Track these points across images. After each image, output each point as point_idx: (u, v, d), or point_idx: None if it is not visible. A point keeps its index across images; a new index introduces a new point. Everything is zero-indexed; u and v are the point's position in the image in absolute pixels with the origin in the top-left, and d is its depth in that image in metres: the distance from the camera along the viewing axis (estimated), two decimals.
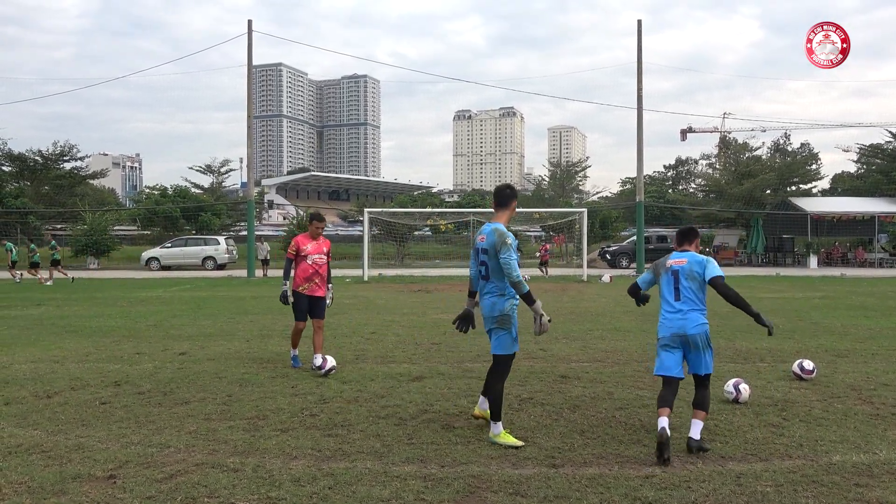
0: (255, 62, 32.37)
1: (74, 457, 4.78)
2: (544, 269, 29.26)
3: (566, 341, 10.06)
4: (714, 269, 5.24)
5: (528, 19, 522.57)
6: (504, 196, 5.47)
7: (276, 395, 6.68)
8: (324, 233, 8.23)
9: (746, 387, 6.37)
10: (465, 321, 5.52)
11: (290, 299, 7.90)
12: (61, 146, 41.86)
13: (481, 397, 5.58)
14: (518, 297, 5.21)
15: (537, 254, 29.33)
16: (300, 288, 7.86)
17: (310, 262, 7.89)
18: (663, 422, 4.75)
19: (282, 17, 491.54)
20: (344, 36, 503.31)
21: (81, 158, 44.59)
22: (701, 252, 5.50)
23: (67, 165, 42.91)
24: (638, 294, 5.66)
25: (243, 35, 30.90)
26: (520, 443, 5.03)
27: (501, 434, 5.10)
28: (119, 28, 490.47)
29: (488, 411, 5.32)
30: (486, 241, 5.22)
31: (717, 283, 5.18)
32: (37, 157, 40.95)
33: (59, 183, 42.30)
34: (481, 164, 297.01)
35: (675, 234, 5.63)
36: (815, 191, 48.76)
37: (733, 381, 6.45)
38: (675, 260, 5.33)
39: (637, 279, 5.71)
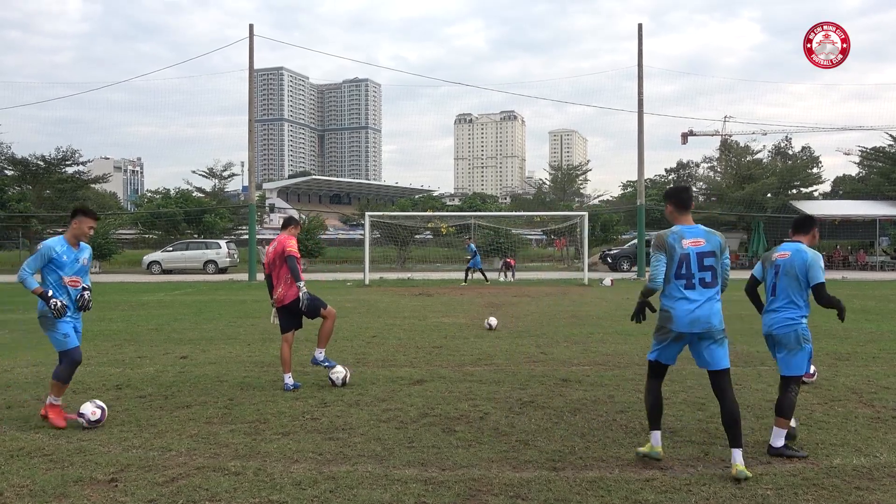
0: (256, 66, 32.43)
1: (76, 460, 4.80)
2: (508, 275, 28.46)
3: (567, 345, 10.06)
4: (817, 273, 4.99)
5: (529, 23, 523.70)
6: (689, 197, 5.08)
7: (277, 398, 6.69)
8: (322, 236, 8.13)
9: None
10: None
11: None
12: (63, 151, 41.90)
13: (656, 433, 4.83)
14: None
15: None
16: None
17: None
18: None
19: (284, 22, 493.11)
20: (346, 40, 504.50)
21: (83, 163, 44.66)
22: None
23: (69, 170, 42.91)
24: (756, 291, 5.52)
25: (245, 39, 30.98)
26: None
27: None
28: (121, 32, 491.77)
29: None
30: (707, 243, 4.78)
31: (816, 290, 5.02)
32: (39, 162, 41.00)
33: (62, 187, 42.30)
34: (482, 167, 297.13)
35: (792, 222, 5.48)
36: (816, 194, 48.70)
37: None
38: (780, 253, 5.19)
39: (753, 272, 5.57)
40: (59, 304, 5.71)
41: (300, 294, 7.03)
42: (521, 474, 4.50)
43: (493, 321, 11.53)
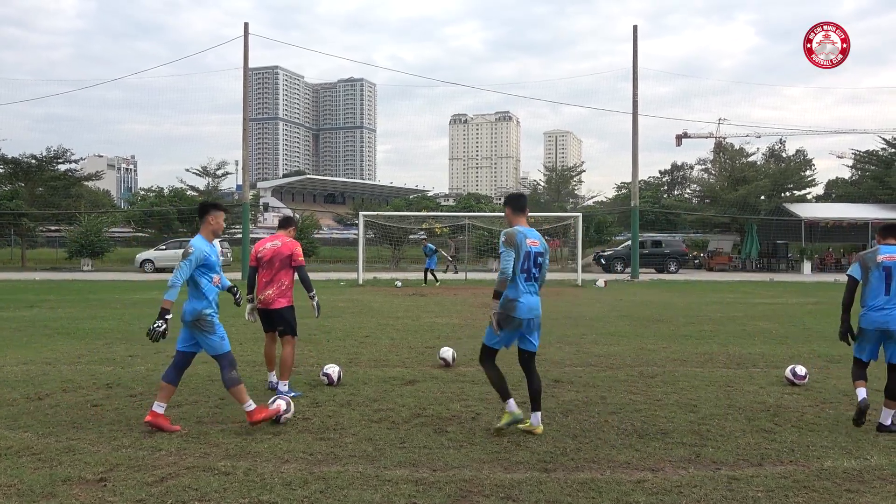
0: (251, 65, 32.37)
1: (65, 459, 4.76)
2: None
3: (560, 345, 10.06)
4: None
5: (527, 25, 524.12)
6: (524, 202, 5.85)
7: (268, 398, 6.65)
8: (316, 235, 8.08)
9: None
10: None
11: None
12: (54, 150, 41.72)
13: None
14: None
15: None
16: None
17: None
18: (862, 392, 5.57)
19: (281, 21, 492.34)
20: (343, 40, 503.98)
21: (76, 161, 44.48)
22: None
23: (62, 167, 42.75)
24: (854, 291, 6.03)
25: (240, 38, 30.92)
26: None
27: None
28: (118, 30, 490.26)
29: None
30: (540, 244, 5.57)
31: None
32: (30, 160, 40.79)
33: (54, 185, 42.11)
34: (477, 168, 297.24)
35: (881, 228, 6.01)
36: (809, 197, 48.93)
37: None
38: (887, 255, 5.68)
39: (849, 272, 6.06)
40: (162, 329, 5.43)
41: (313, 303, 7.00)
42: (512, 475, 4.49)
43: (447, 353, 8.44)
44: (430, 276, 25.01)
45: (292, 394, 6.65)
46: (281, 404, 5.74)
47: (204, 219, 5.76)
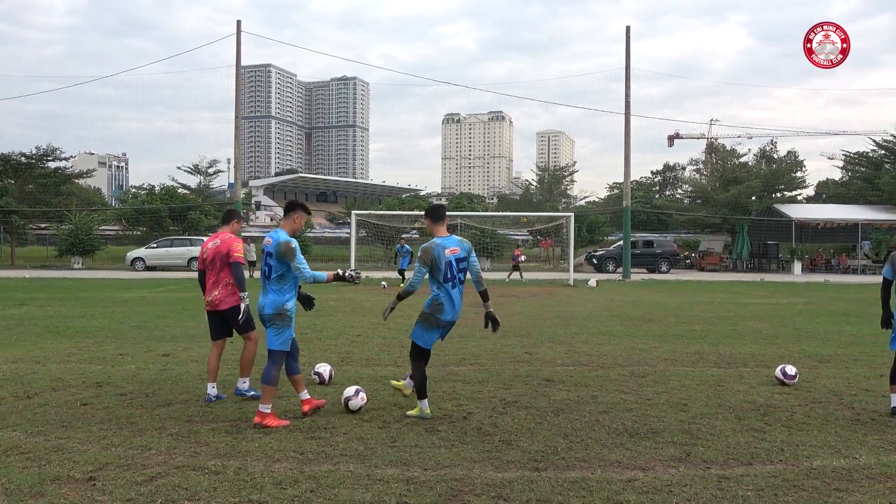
0: (244, 63, 32.28)
1: (53, 458, 4.73)
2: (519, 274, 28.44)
3: (551, 345, 10.08)
4: None
5: (520, 25, 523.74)
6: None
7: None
8: (308, 234, 7.89)
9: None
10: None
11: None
12: (44, 149, 41.45)
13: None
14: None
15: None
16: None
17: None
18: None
19: (276, 19, 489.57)
20: (336, 38, 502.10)
21: (66, 158, 44.19)
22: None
23: (52, 165, 42.46)
24: (889, 289, 6.30)
25: (232, 35, 30.81)
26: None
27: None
28: (111, 27, 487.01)
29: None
30: (461, 250, 5.97)
31: None
32: (20, 158, 40.50)
33: (44, 182, 41.84)
34: (469, 167, 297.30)
35: None
36: (800, 198, 49.16)
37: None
38: None
39: (883, 273, 6.39)
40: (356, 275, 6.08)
41: (242, 306, 6.40)
42: (503, 474, 4.49)
43: (323, 369, 7.40)
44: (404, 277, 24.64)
45: (251, 392, 6.58)
46: (357, 401, 6.04)
47: (290, 215, 5.98)
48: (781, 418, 5.94)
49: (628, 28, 32.01)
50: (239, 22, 30.80)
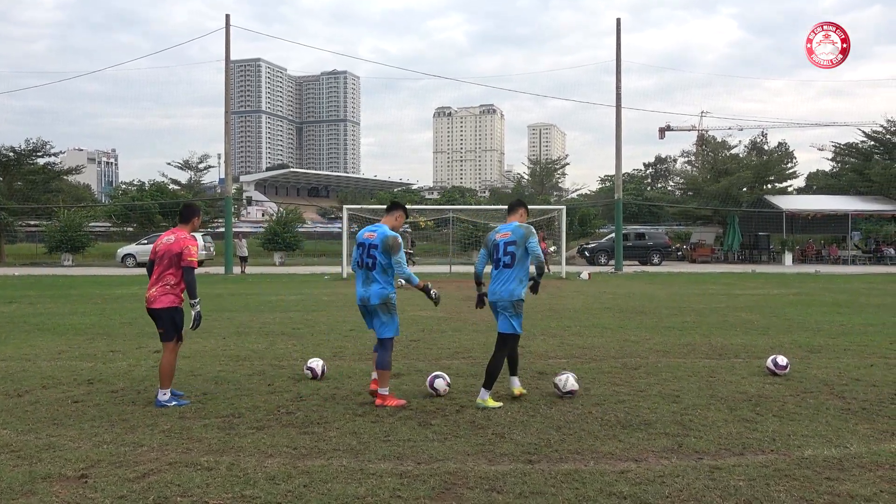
0: (233, 58, 32.09)
1: (45, 456, 4.71)
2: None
3: (544, 338, 10.09)
4: None
5: (511, 18, 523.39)
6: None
7: (251, 392, 6.63)
8: (300, 229, 7.83)
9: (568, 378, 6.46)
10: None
11: None
12: (33, 143, 41.15)
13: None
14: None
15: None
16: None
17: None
18: None
19: (265, 14, 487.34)
20: (326, 32, 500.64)
21: (55, 154, 43.87)
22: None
23: (41, 161, 42.11)
24: None
25: (221, 30, 30.62)
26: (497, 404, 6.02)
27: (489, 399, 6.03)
28: (98, 21, 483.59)
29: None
30: (376, 237, 6.18)
31: None
32: (9, 153, 40.18)
33: (33, 179, 41.53)
34: (461, 161, 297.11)
35: None
36: (790, 189, 49.35)
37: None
38: None
39: None
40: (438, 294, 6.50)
41: (193, 313, 6.12)
42: (496, 467, 4.49)
43: (316, 364, 7.30)
44: None
45: (174, 402, 6.09)
46: (440, 385, 6.41)
47: (392, 213, 6.39)
48: (773, 408, 5.97)
49: (618, 20, 32.00)
50: (228, 16, 30.63)
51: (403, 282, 6.34)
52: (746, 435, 5.19)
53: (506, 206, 7.05)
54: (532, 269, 6.30)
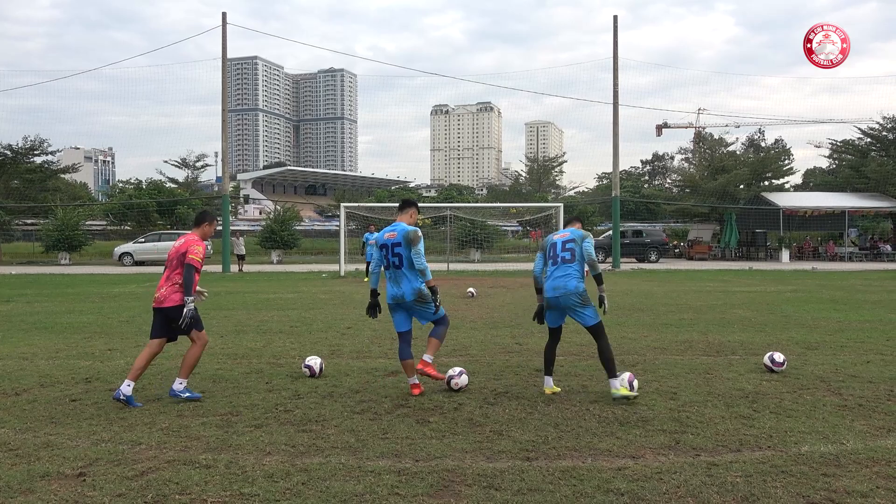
0: (230, 55, 32.05)
1: (43, 455, 4.71)
2: None
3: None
4: None
5: (508, 15, 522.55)
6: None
7: (249, 390, 6.63)
8: (298, 226, 7.91)
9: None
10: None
11: None
12: (31, 140, 41.07)
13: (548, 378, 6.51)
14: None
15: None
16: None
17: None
18: None
19: (261, 11, 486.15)
20: (323, 30, 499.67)
21: (52, 153, 43.80)
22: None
23: (38, 159, 42.04)
24: None
25: (218, 27, 30.58)
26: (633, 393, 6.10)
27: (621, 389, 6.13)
28: (94, 19, 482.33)
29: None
30: (398, 235, 6.38)
31: None
32: (6, 151, 40.10)
33: (30, 177, 41.46)
34: (459, 158, 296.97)
35: None
36: (787, 186, 49.42)
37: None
38: None
39: None
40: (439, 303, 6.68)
41: (185, 309, 6.19)
42: (494, 464, 4.51)
43: (314, 362, 7.37)
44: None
45: (187, 394, 6.23)
46: (461, 381, 6.58)
47: (406, 210, 6.62)
48: (770, 405, 5.99)
49: (615, 17, 32.01)
50: (224, 14, 30.59)
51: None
52: (743, 431, 5.21)
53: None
54: (584, 271, 6.50)
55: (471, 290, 16.73)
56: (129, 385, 6.10)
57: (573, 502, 3.90)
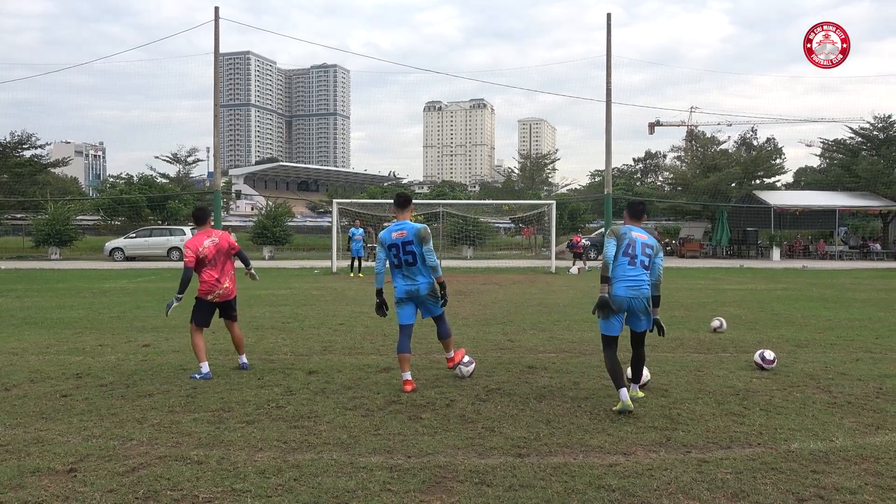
0: (222, 50, 31.90)
1: (33, 450, 4.69)
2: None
3: (533, 332, 10.12)
4: None
5: (502, 12, 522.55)
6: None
7: (241, 386, 6.62)
8: (289, 223, 8.24)
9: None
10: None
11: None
12: (19, 135, 40.78)
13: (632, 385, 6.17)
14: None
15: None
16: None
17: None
18: None
19: (255, 6, 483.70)
20: (317, 25, 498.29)
21: (42, 146, 43.49)
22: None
23: (27, 153, 41.75)
24: None
25: (210, 22, 30.43)
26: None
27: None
28: (86, 13, 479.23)
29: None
30: (407, 234, 6.49)
31: None
32: None
33: (19, 171, 41.14)
34: (451, 155, 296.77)
35: None
36: (779, 184, 49.60)
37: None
38: None
39: None
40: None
41: (174, 303, 7.05)
42: (486, 461, 4.52)
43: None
44: (355, 265, 22.28)
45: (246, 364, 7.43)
46: (468, 369, 6.94)
47: (408, 207, 6.78)
48: (760, 402, 6.02)
49: (609, 15, 32.02)
50: (217, 8, 30.42)
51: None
52: (734, 428, 5.24)
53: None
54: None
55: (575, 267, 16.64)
56: (204, 365, 7.00)
57: (564, 498, 3.91)
